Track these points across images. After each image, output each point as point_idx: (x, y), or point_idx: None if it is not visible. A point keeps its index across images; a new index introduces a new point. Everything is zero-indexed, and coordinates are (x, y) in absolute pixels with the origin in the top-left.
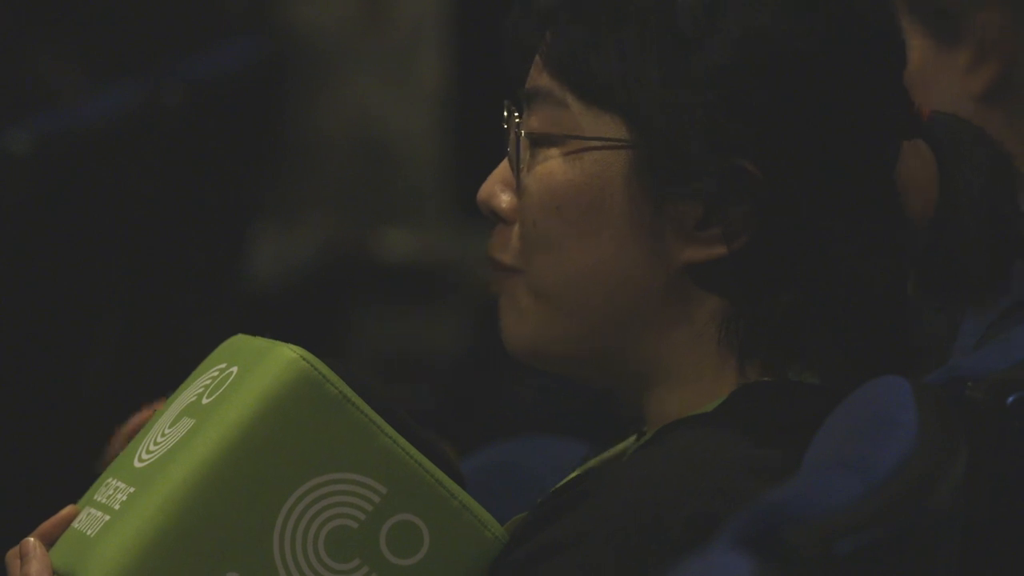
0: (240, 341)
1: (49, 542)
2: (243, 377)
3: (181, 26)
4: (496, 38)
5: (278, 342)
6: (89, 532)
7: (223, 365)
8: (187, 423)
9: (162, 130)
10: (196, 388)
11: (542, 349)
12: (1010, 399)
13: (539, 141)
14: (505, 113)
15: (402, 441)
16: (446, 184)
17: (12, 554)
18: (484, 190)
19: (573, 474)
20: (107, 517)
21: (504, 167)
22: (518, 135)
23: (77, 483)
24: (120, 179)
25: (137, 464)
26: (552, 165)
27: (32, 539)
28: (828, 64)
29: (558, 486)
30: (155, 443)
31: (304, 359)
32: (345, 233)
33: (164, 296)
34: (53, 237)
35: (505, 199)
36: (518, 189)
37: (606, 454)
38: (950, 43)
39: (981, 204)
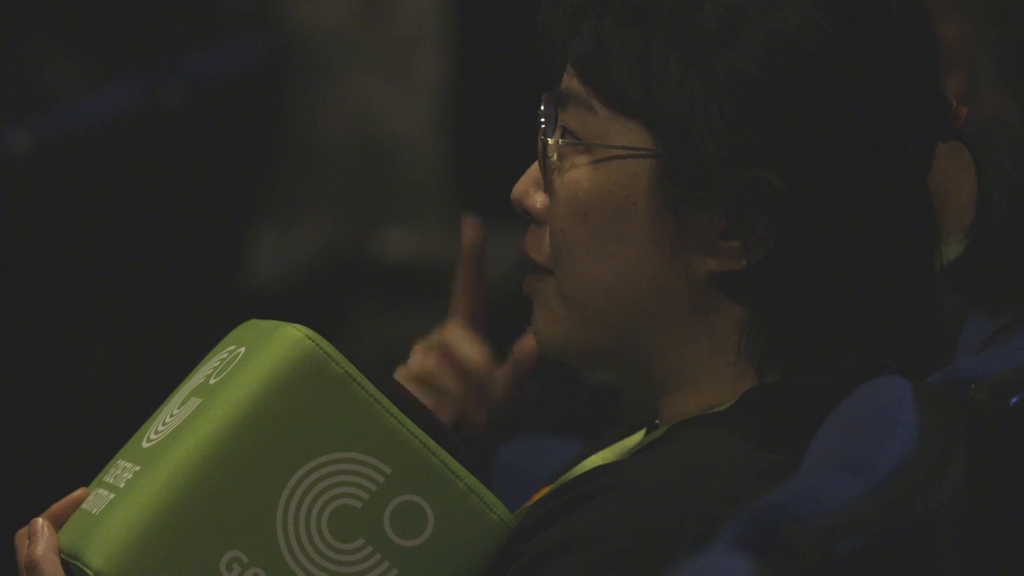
0: (251, 325)
1: (59, 523)
2: (249, 357)
3: (181, 26)
4: (494, 38)
5: (285, 323)
6: (95, 511)
7: (232, 347)
8: (194, 402)
9: (162, 130)
10: (206, 370)
11: (567, 348)
12: (1012, 400)
13: (568, 145)
14: (542, 107)
15: (407, 421)
16: (446, 184)
17: (21, 535)
18: (518, 189)
19: (580, 467)
20: (112, 495)
21: (537, 167)
22: (546, 139)
23: (77, 482)
24: (120, 179)
25: (145, 444)
26: (580, 172)
27: (40, 519)
28: (856, 71)
29: (567, 477)
30: (164, 424)
31: (310, 338)
32: (345, 233)
33: (164, 296)
34: (53, 237)
35: (539, 200)
36: (548, 191)
37: (615, 447)
38: None
39: (1020, 206)
